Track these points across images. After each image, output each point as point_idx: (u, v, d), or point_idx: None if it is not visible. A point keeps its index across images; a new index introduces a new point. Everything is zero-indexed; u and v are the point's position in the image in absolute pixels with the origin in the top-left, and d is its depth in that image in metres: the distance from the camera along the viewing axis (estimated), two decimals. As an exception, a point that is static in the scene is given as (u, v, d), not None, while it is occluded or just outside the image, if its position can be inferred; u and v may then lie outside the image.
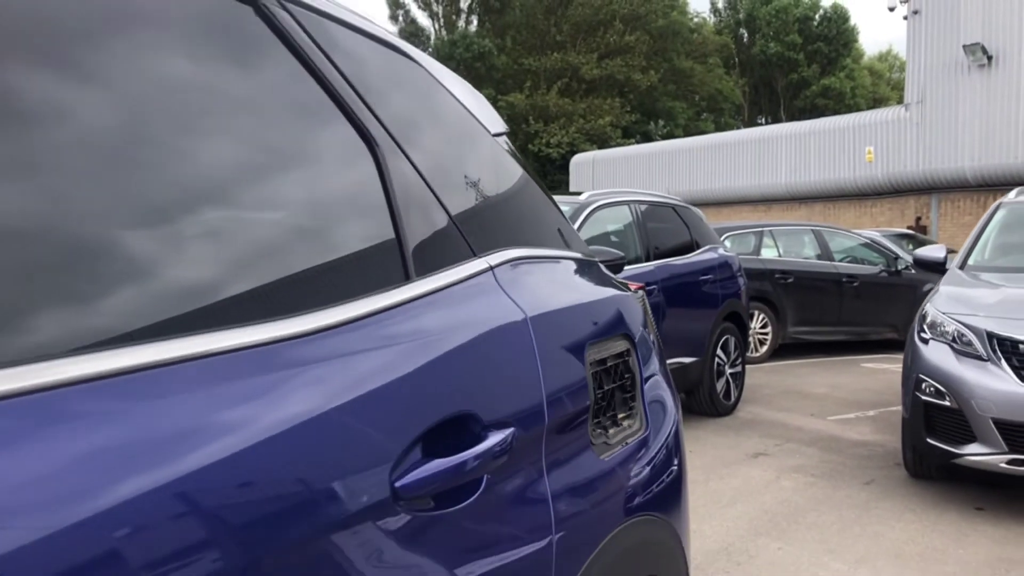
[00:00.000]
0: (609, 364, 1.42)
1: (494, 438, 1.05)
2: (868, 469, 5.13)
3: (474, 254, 1.25)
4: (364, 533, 0.85)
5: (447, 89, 1.44)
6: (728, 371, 6.81)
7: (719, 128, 49.11)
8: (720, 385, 6.68)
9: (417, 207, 1.15)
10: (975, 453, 4.23)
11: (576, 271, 1.57)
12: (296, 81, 1.04)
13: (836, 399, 7.36)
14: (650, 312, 1.75)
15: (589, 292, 1.51)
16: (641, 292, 1.81)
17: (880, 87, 57.68)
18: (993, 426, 4.13)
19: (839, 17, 51.19)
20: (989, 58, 18.09)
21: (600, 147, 38.90)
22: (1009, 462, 4.12)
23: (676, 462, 1.62)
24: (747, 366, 7.70)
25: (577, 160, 31.18)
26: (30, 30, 0.75)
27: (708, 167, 25.08)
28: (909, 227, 19.77)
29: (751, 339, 9.27)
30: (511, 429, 1.09)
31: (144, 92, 0.83)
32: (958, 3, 18.67)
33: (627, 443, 1.42)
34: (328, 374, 0.87)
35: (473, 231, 1.27)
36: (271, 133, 0.98)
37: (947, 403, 4.33)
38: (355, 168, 1.09)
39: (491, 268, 1.26)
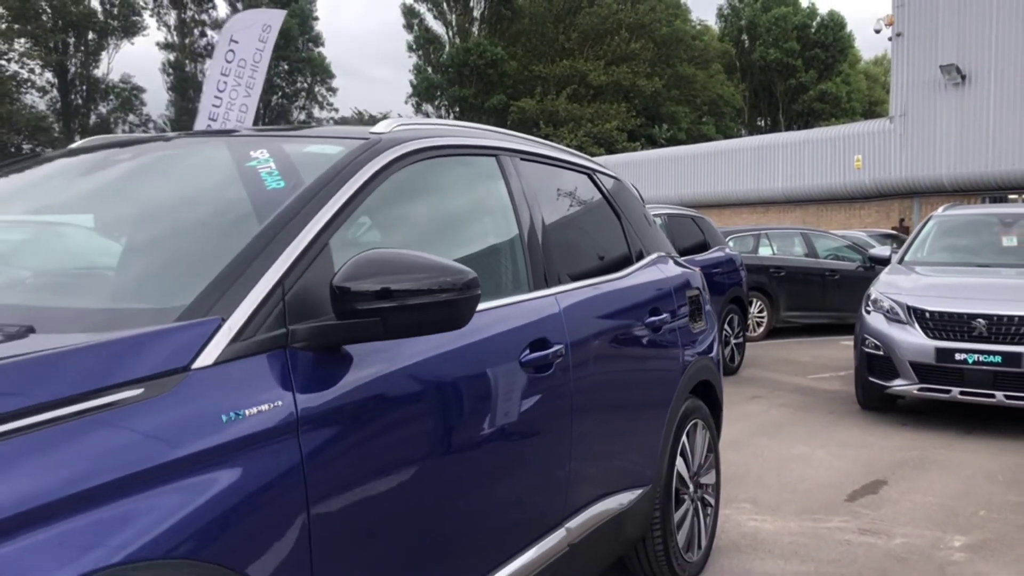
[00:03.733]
0: (693, 298, 3.57)
1: (664, 314, 3.20)
2: (833, 405, 7.28)
3: (647, 254, 3.40)
4: (641, 326, 3.01)
5: (629, 188, 3.59)
6: (733, 341, 8.96)
7: (720, 131, 51.14)
8: (726, 352, 8.83)
9: (632, 238, 3.31)
10: (899, 385, 6.39)
11: (672, 260, 3.71)
12: (602, 201, 3.20)
13: (816, 365, 9.52)
14: (704, 280, 3.91)
15: (681, 268, 3.66)
16: (699, 270, 3.96)
17: (875, 91, 59.59)
18: (909, 366, 6.28)
19: (835, 24, 53.25)
20: (963, 77, 20.25)
21: (607, 150, 40.96)
22: (919, 389, 6.28)
23: (715, 343, 3.77)
24: (747, 343, 9.83)
25: (588, 164, 33.20)
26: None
27: (711, 172, 27.25)
28: (893, 228, 21.89)
29: (750, 321, 11.40)
30: (668, 313, 3.25)
31: (573, 208, 2.99)
32: (936, 27, 20.83)
33: (701, 330, 3.58)
34: (624, 288, 3.03)
35: (645, 245, 3.42)
36: (599, 212, 3.15)
37: (881, 353, 6.49)
38: (616, 227, 3.25)
39: (653, 260, 3.41)
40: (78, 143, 2.64)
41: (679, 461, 3.30)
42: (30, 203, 2.26)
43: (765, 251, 12.10)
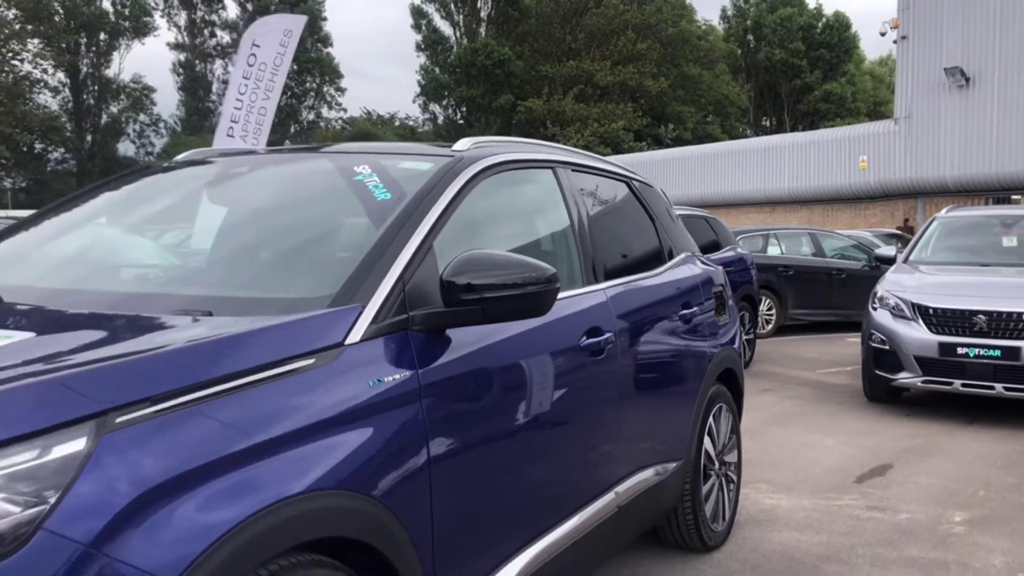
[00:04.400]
0: (717, 293, 3.95)
1: (695, 306, 3.58)
2: (841, 398, 7.65)
3: (676, 254, 3.77)
4: (675, 319, 3.39)
5: (659, 193, 3.96)
6: (744, 337, 9.34)
7: (725, 131, 51.43)
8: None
9: (664, 238, 3.68)
10: (903, 378, 6.76)
11: (698, 260, 4.08)
12: (638, 206, 3.58)
13: (824, 360, 9.88)
14: (727, 277, 4.27)
15: (706, 266, 4.03)
16: (722, 268, 4.32)
17: (880, 91, 59.74)
18: (913, 359, 6.65)
19: (841, 25, 53.46)
20: (967, 80, 20.59)
21: (614, 149, 41.25)
22: (923, 382, 6.64)
23: (737, 336, 4.14)
24: (757, 339, 10.20)
25: (596, 164, 33.56)
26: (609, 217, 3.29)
27: (719, 172, 27.61)
28: (898, 228, 22.21)
29: (760, 318, 11.76)
30: (697, 307, 3.62)
31: (615, 213, 3.37)
32: (941, 31, 21.16)
33: (725, 323, 3.95)
34: (660, 283, 3.40)
35: (675, 245, 3.79)
36: (636, 216, 3.53)
37: (887, 347, 6.85)
38: (650, 229, 3.63)
39: (682, 259, 3.78)
40: (183, 156, 3.03)
41: (706, 440, 3.68)
42: (172, 208, 2.65)
43: (774, 250, 12.45)
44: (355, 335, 1.86)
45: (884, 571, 3.61)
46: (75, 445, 1.33)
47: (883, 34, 23.51)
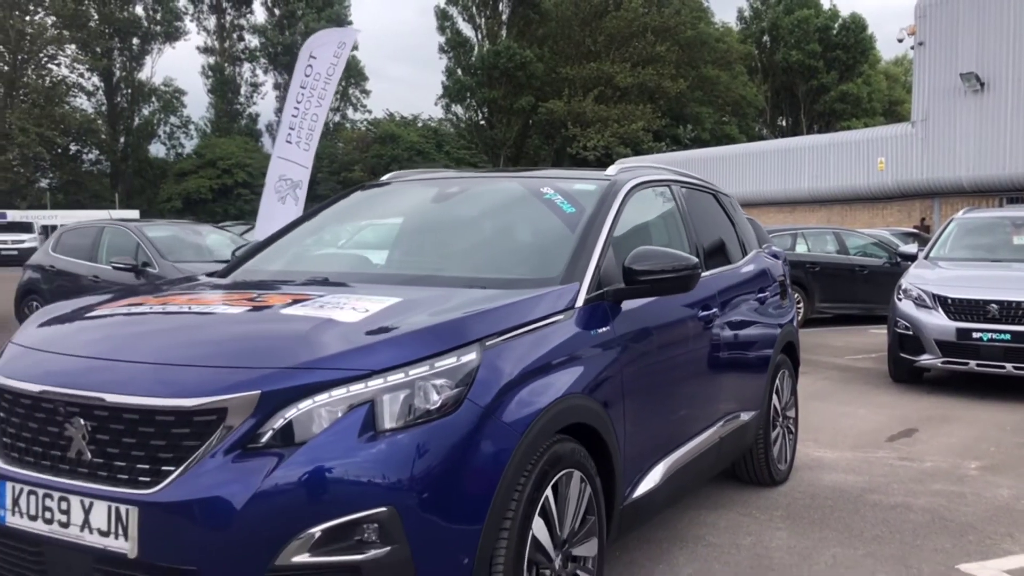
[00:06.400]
0: (781, 281, 4.94)
1: (766, 291, 4.57)
2: (868, 379, 8.61)
3: (749, 250, 4.76)
4: (753, 300, 4.38)
5: (734, 201, 4.95)
6: (778, 327, 10.32)
7: (743, 131, 52.21)
8: (773, 336, 10.18)
9: (741, 237, 4.68)
10: (925, 359, 7.73)
11: (763, 254, 5.06)
12: (721, 211, 4.58)
13: (850, 349, 10.85)
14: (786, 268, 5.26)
15: (772, 259, 5.02)
16: (781, 261, 5.30)
17: (896, 90, 60.41)
18: (934, 343, 7.61)
19: (857, 26, 54.20)
20: (982, 85, 21.47)
21: (633, 150, 42.17)
22: (943, 363, 7.62)
23: (795, 319, 5.13)
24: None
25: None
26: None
27: (739, 173, 28.54)
28: (915, 227, 23.06)
29: (788, 311, 12.72)
30: (768, 291, 4.61)
31: (709, 217, 4.38)
32: (956, 37, 22.04)
33: (787, 305, 4.94)
34: (742, 271, 4.39)
35: (747, 242, 4.78)
36: (721, 219, 4.53)
37: (910, 333, 7.82)
38: (731, 230, 4.62)
39: (755, 254, 4.77)
40: (389, 176, 4.06)
41: (774, 397, 4.67)
42: (414, 214, 3.71)
43: (801, 248, 13.40)
44: (579, 301, 2.86)
45: (915, 499, 4.59)
46: (472, 356, 2.34)
47: (900, 40, 24.42)
